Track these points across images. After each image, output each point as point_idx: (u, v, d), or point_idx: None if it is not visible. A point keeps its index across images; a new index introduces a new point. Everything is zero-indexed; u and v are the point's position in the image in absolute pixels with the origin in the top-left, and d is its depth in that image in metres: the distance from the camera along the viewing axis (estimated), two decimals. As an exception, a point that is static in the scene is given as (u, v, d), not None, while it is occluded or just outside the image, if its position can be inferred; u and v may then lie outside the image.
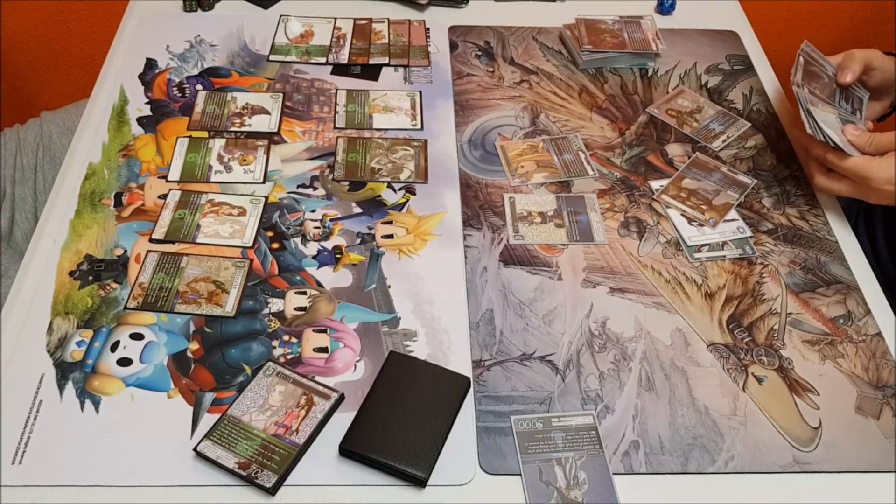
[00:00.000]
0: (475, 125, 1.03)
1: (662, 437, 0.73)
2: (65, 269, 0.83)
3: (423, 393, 0.73)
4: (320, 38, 1.14)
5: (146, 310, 0.80)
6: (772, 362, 0.79)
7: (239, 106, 1.02)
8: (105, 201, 0.90)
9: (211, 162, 0.95)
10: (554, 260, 0.87)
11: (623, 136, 1.02)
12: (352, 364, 0.77)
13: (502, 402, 0.75)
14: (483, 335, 0.80)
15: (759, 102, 1.09)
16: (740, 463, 0.71)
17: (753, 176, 0.98)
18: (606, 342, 0.80)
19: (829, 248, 0.90)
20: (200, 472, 0.68)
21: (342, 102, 1.04)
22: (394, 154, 0.98)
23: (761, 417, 0.75)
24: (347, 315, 0.81)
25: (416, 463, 0.68)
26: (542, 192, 0.94)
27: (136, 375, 0.75)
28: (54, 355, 0.76)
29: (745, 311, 0.83)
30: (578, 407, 0.74)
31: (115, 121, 1.00)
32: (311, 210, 0.91)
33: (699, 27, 1.20)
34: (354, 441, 0.69)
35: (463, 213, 0.91)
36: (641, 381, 0.77)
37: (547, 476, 0.69)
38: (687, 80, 1.11)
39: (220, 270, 0.83)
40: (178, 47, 1.11)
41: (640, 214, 0.93)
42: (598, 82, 1.10)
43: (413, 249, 0.87)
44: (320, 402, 0.72)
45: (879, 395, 0.77)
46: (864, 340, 0.81)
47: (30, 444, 0.69)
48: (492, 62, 1.12)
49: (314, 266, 0.85)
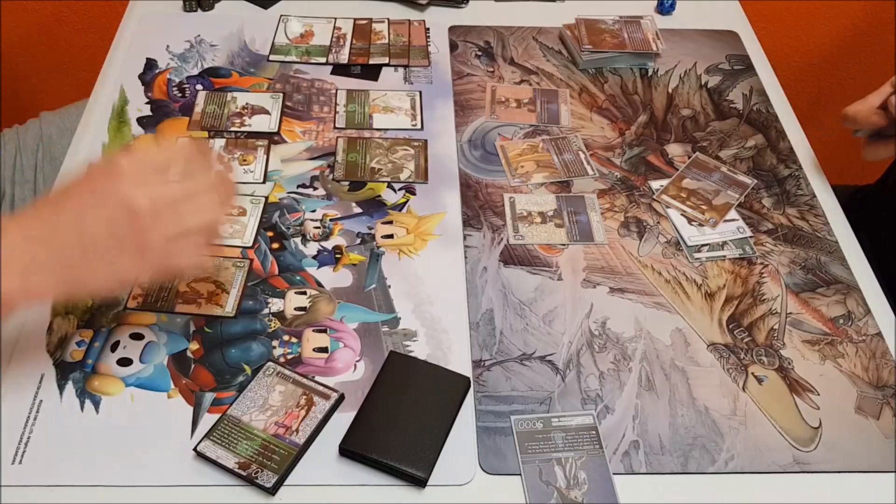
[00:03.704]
0: (475, 125, 1.03)
1: (662, 437, 0.73)
2: (65, 269, 0.83)
3: (423, 393, 0.73)
4: (320, 38, 1.14)
5: (146, 310, 0.80)
6: (772, 362, 0.79)
7: (239, 106, 1.02)
8: (105, 201, 0.90)
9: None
10: (554, 260, 0.87)
11: (623, 137, 1.02)
12: (352, 364, 0.77)
13: (502, 402, 0.75)
14: (483, 335, 0.80)
15: (759, 102, 1.09)
16: (740, 463, 0.71)
17: (753, 176, 0.98)
18: (606, 342, 0.80)
19: (829, 248, 0.90)
20: (200, 472, 0.68)
21: (342, 102, 1.04)
22: (394, 154, 0.98)
23: (761, 417, 0.75)
24: (347, 315, 0.81)
25: (416, 463, 0.68)
26: (542, 192, 0.94)
27: (136, 375, 0.75)
28: (54, 355, 0.76)
29: (745, 311, 0.83)
30: (578, 407, 0.74)
31: (116, 121, 1.00)
32: (311, 210, 0.91)
33: (699, 27, 1.20)
34: (354, 441, 0.69)
35: (463, 213, 0.91)
36: (641, 381, 0.77)
37: (547, 476, 0.69)
38: (687, 80, 1.11)
39: (220, 270, 0.83)
40: (178, 47, 1.11)
41: (640, 214, 0.93)
42: (598, 82, 1.10)
43: (413, 249, 0.87)
44: (320, 402, 0.72)
45: (879, 395, 0.77)
46: (864, 340, 0.81)
47: (30, 444, 0.69)
48: (492, 62, 1.12)
49: (314, 266, 0.85)
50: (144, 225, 0.62)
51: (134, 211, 0.62)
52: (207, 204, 0.66)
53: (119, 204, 0.62)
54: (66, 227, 0.62)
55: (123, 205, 0.62)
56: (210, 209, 0.66)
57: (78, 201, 0.63)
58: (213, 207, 0.67)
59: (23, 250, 0.61)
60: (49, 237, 0.62)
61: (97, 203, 0.63)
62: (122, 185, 0.62)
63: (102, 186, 0.63)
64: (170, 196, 0.64)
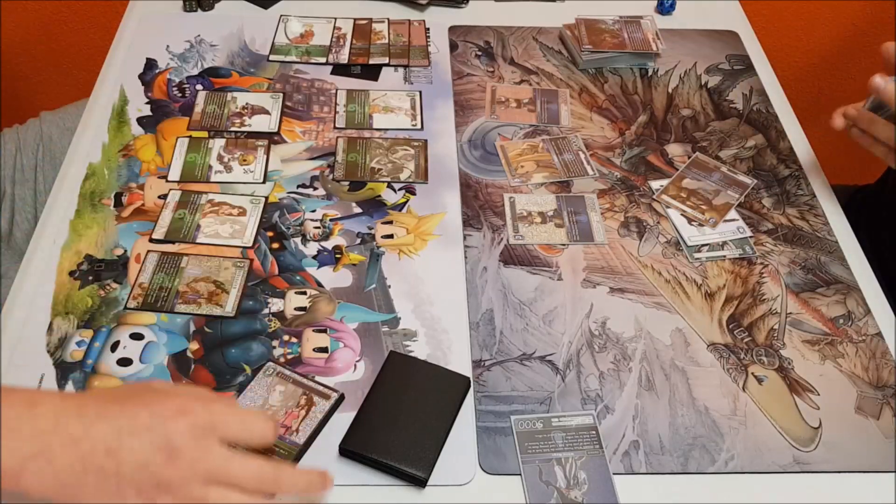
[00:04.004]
0: (475, 125, 1.03)
1: (662, 437, 0.73)
2: (65, 269, 0.83)
3: (423, 393, 0.73)
4: (320, 38, 1.14)
5: (146, 310, 0.80)
6: (772, 362, 0.79)
7: (239, 106, 1.02)
8: (105, 201, 0.90)
9: (211, 162, 0.95)
10: (554, 260, 0.87)
11: (623, 136, 1.02)
12: (352, 364, 0.77)
13: (502, 402, 0.75)
14: (483, 335, 0.80)
15: (759, 102, 1.09)
16: (740, 463, 0.71)
17: (753, 176, 0.98)
18: (606, 342, 0.80)
19: (829, 248, 0.90)
20: (200, 472, 0.68)
21: (342, 102, 1.04)
22: (394, 154, 0.98)
23: (761, 417, 0.75)
24: (347, 315, 0.81)
25: (416, 463, 0.68)
26: (542, 192, 0.94)
27: (136, 375, 0.75)
28: (54, 355, 0.76)
29: (745, 311, 0.83)
30: (578, 407, 0.74)
31: (115, 121, 1.00)
32: (311, 210, 0.91)
33: (699, 27, 1.20)
34: (354, 441, 0.69)
35: (463, 213, 0.91)
36: (641, 381, 0.77)
37: (547, 476, 0.69)
38: (687, 80, 1.11)
39: (220, 270, 0.83)
40: (178, 47, 1.11)
41: (640, 214, 0.93)
42: (598, 82, 1.10)
43: (413, 249, 0.87)
44: (320, 402, 0.72)
45: (879, 395, 0.77)
46: (864, 340, 0.81)
47: (30, 444, 0.69)
48: (492, 62, 1.12)
49: (314, 266, 0.85)
50: (171, 481, 0.55)
51: (172, 460, 0.55)
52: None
53: (163, 453, 0.55)
54: (99, 438, 0.54)
55: (165, 454, 0.55)
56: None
57: (131, 417, 0.56)
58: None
59: (42, 438, 0.54)
60: (77, 440, 0.54)
61: (146, 432, 0.55)
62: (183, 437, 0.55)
63: (166, 419, 0.56)
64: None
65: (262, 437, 0.60)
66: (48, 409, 0.55)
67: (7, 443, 0.53)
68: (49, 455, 0.54)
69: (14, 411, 0.54)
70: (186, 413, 0.57)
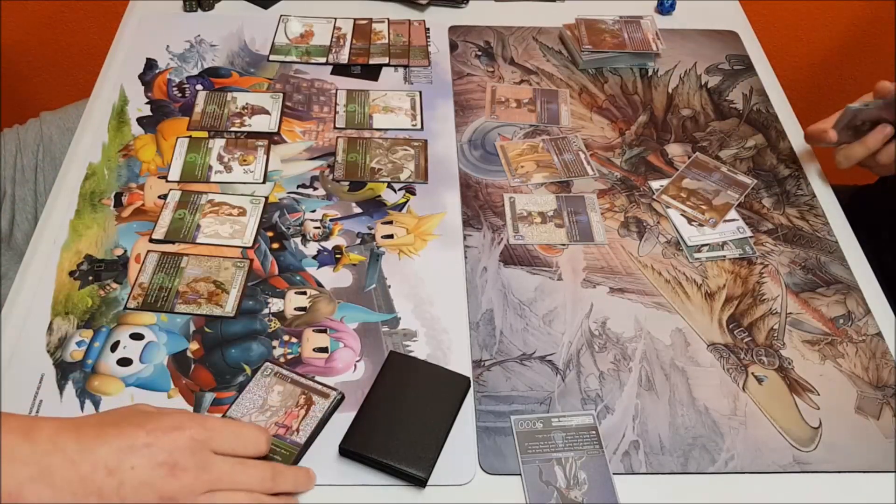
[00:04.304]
0: (475, 125, 1.03)
1: (662, 437, 0.73)
2: (65, 269, 0.83)
3: (423, 393, 0.73)
4: (320, 38, 1.14)
5: (146, 310, 0.80)
6: (772, 362, 0.79)
7: (239, 106, 1.02)
8: (105, 201, 0.90)
9: (211, 162, 0.95)
10: (554, 260, 0.87)
11: (623, 137, 1.02)
12: (352, 364, 0.77)
13: (502, 402, 0.75)
14: (483, 335, 0.80)
15: (759, 102, 1.09)
16: (740, 463, 0.71)
17: (753, 176, 0.98)
18: (606, 342, 0.80)
19: (829, 248, 0.90)
20: (200, 472, 0.68)
21: (342, 102, 1.04)
22: (394, 154, 0.98)
23: (761, 417, 0.75)
24: (347, 315, 0.81)
25: (416, 463, 0.68)
26: (542, 193, 0.94)
27: (136, 375, 0.75)
28: (54, 355, 0.76)
29: (745, 311, 0.83)
30: (578, 407, 0.74)
31: (115, 121, 1.00)
32: (311, 210, 0.91)
33: (699, 27, 1.20)
34: (354, 441, 0.69)
35: (463, 213, 0.91)
36: (641, 381, 0.77)
37: (547, 476, 0.69)
38: (687, 80, 1.11)
39: (220, 270, 0.83)
40: (178, 47, 1.11)
41: (640, 214, 0.93)
42: (598, 82, 1.10)
43: (413, 249, 0.87)
44: (320, 401, 0.72)
45: (879, 395, 0.77)
46: (864, 340, 0.81)
47: (30, 444, 0.69)
48: (492, 62, 1.12)
49: (314, 266, 0.85)
50: (175, 494, 0.57)
51: (174, 474, 0.57)
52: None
53: (165, 467, 0.57)
54: (99, 460, 0.56)
55: (167, 468, 0.57)
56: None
57: (130, 438, 0.57)
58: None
59: (41, 461, 0.55)
60: (76, 462, 0.55)
61: (146, 449, 0.57)
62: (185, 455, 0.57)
63: (166, 440, 0.58)
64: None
65: (256, 447, 0.63)
66: (46, 434, 0.56)
67: (6, 468, 0.54)
68: (49, 478, 0.54)
69: (12, 437, 0.55)
70: (183, 428, 0.59)
